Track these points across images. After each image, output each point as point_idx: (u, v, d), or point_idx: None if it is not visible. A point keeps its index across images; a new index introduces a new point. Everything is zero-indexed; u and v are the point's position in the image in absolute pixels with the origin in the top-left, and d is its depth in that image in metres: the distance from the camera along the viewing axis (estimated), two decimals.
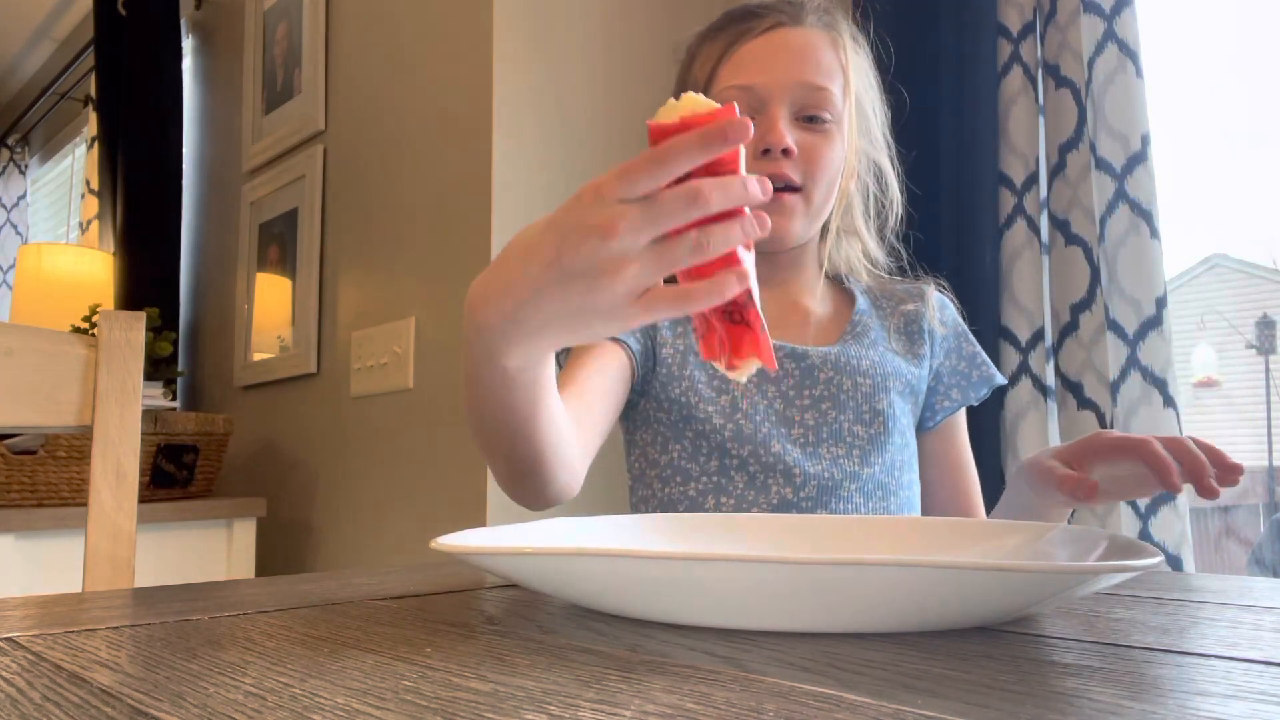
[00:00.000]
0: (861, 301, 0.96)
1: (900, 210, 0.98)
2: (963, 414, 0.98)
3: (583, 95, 1.50)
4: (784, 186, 0.85)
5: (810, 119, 0.86)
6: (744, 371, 0.49)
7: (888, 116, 0.97)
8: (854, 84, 0.89)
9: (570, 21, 1.50)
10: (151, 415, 1.61)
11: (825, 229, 0.96)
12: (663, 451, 0.88)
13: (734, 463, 0.85)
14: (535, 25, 1.45)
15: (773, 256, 0.92)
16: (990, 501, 1.28)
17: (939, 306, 0.98)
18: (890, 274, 1.01)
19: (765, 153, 0.84)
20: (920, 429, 0.96)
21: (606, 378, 0.83)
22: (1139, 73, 1.20)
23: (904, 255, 1.00)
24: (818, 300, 0.96)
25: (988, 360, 0.97)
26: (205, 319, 2.22)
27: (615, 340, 0.85)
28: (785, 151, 0.84)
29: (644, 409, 0.90)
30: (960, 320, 1.00)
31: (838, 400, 0.87)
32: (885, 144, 0.97)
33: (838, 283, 1.00)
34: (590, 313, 0.46)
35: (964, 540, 0.53)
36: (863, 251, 0.98)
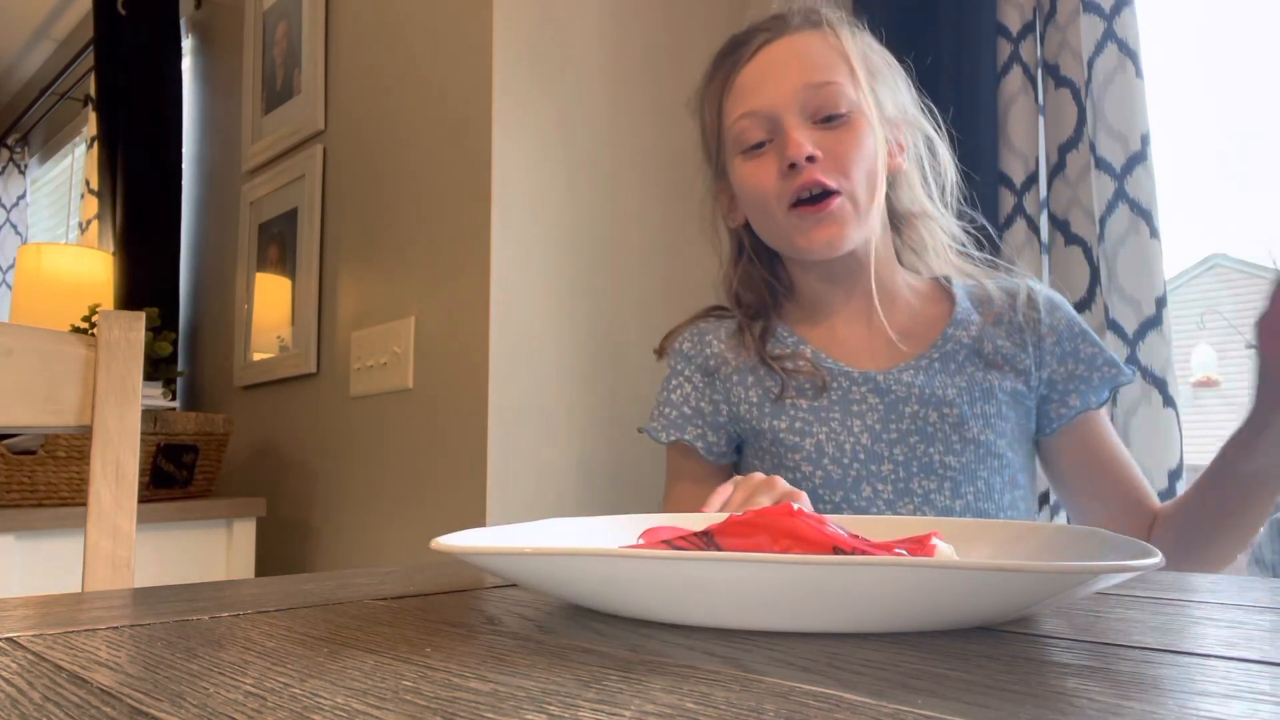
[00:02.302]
0: (962, 306, 0.91)
1: (954, 174, 0.94)
2: (1093, 415, 0.91)
3: (583, 95, 1.50)
4: (823, 193, 0.83)
5: (827, 118, 0.84)
6: None
7: (911, 83, 0.93)
8: (859, 67, 0.86)
9: (570, 21, 1.50)
10: (151, 415, 1.61)
11: (894, 223, 0.92)
12: None
13: (826, 509, 0.83)
14: (535, 25, 1.45)
15: (828, 269, 0.89)
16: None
17: (1048, 308, 0.92)
18: (971, 250, 0.95)
19: (791, 167, 0.83)
20: (1040, 434, 0.91)
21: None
22: (1139, 73, 1.20)
23: (973, 222, 0.95)
24: (899, 308, 0.91)
25: (1112, 359, 0.91)
26: (205, 319, 2.22)
27: (702, 463, 0.94)
28: (810, 159, 0.82)
29: (747, 457, 0.93)
30: (1076, 319, 0.93)
31: (925, 433, 0.84)
32: (921, 110, 0.93)
33: (936, 283, 0.95)
34: None
35: (965, 540, 0.53)
36: (941, 229, 0.93)
